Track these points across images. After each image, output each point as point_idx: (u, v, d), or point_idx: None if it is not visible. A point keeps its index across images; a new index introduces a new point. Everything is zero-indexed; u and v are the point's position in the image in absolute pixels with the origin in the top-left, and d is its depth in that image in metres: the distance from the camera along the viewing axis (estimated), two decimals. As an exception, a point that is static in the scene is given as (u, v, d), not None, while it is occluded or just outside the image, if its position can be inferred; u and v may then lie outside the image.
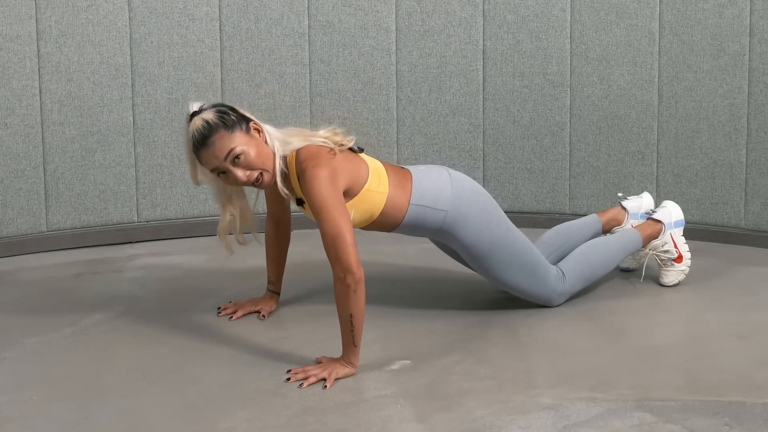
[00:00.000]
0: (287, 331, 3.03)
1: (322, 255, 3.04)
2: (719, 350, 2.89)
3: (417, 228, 2.99)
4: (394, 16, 4.01)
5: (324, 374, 2.69)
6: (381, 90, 4.03)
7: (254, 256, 3.70)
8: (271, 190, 3.00)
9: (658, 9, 3.83)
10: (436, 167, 3.06)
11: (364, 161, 2.91)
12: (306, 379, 2.67)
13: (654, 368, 2.76)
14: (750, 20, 3.71)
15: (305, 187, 2.74)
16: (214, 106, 2.82)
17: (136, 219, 3.94)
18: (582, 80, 3.95)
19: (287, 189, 2.86)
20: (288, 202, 3.08)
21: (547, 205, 4.05)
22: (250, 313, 3.13)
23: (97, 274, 3.58)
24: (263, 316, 3.11)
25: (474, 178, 4.03)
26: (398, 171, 2.98)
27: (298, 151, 2.80)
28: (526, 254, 3.06)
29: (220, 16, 3.93)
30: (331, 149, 2.81)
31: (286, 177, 2.85)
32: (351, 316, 2.68)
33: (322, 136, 2.84)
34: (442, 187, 2.97)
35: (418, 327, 3.05)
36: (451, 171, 3.05)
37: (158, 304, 3.26)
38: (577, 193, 4.01)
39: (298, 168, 2.78)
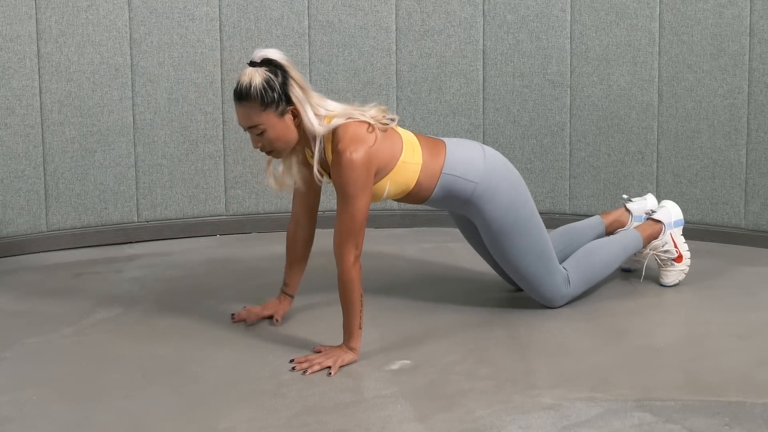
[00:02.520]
0: (288, 331, 3.03)
1: (324, 255, 3.04)
2: (719, 350, 2.89)
3: (446, 198, 3.00)
4: (394, 16, 4.01)
5: (329, 362, 2.72)
6: (381, 90, 4.03)
7: (254, 255, 3.70)
8: (304, 186, 2.99)
9: (658, 9, 3.83)
10: (470, 141, 3.09)
11: (398, 134, 2.92)
12: (310, 367, 2.69)
13: (654, 368, 2.76)
14: (750, 20, 3.71)
15: (339, 170, 2.75)
16: (273, 70, 2.79)
17: (136, 219, 3.94)
18: (582, 80, 3.95)
19: (319, 166, 2.85)
20: (314, 203, 3.05)
21: (547, 205, 4.05)
22: (263, 318, 3.10)
23: (97, 274, 3.58)
24: (277, 320, 3.07)
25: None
26: (431, 141, 3.00)
27: (336, 128, 2.80)
28: (543, 244, 3.07)
29: (220, 16, 3.93)
30: (371, 125, 2.82)
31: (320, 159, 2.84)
32: (361, 296, 2.76)
33: (369, 114, 2.83)
34: (475, 160, 2.99)
35: (418, 327, 3.05)
36: (485, 146, 3.07)
37: (158, 304, 3.26)
38: (577, 193, 4.01)
39: (334, 147, 2.79)
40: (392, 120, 2.90)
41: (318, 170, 2.84)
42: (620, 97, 3.91)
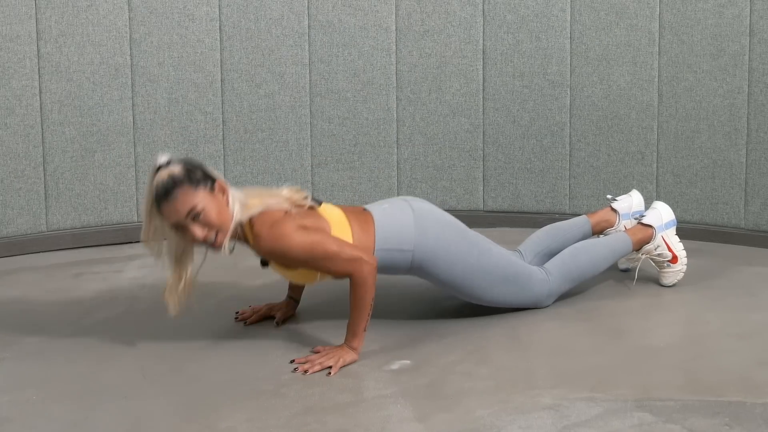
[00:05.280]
0: (288, 331, 3.03)
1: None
2: (719, 350, 2.89)
3: (386, 269, 2.96)
4: (394, 16, 4.01)
5: (330, 362, 2.73)
6: (381, 90, 4.04)
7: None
8: None
9: (658, 9, 3.83)
10: (398, 203, 3.01)
11: (323, 217, 2.86)
12: (311, 367, 2.71)
13: (654, 368, 2.76)
14: (750, 20, 3.71)
15: (273, 249, 2.73)
16: (183, 161, 2.75)
17: (135, 219, 3.94)
18: (582, 80, 3.95)
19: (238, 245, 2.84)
20: None
21: (547, 205, 4.05)
22: (265, 318, 3.10)
23: (97, 274, 3.58)
24: (277, 323, 3.07)
25: (474, 179, 4.05)
26: (359, 215, 2.93)
27: (252, 218, 2.77)
28: (503, 269, 3.04)
29: (220, 16, 3.93)
30: (287, 211, 2.78)
31: (240, 239, 2.82)
32: (372, 299, 2.76)
33: (283, 195, 2.81)
34: (406, 227, 2.93)
35: (418, 327, 3.05)
36: (414, 204, 3.00)
37: (158, 304, 3.25)
38: (577, 193, 4.01)
39: (254, 235, 2.76)
40: (314, 201, 2.85)
41: (226, 250, 2.78)
42: (620, 97, 3.92)
